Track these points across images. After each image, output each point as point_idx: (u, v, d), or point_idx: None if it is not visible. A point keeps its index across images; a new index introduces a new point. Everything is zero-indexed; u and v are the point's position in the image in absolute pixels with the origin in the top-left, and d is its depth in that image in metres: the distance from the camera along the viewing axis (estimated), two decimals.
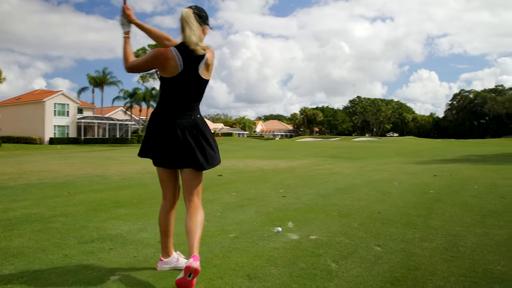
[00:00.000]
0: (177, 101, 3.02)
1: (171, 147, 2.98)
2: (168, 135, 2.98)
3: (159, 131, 3.03)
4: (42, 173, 11.42)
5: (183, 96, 3.01)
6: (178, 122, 2.99)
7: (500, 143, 45.39)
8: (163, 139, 3.01)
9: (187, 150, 2.97)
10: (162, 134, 3.01)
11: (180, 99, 3.02)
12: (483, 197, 6.86)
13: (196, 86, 3.03)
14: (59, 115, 57.69)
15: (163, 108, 3.06)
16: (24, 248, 3.77)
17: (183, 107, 3.03)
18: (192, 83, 2.99)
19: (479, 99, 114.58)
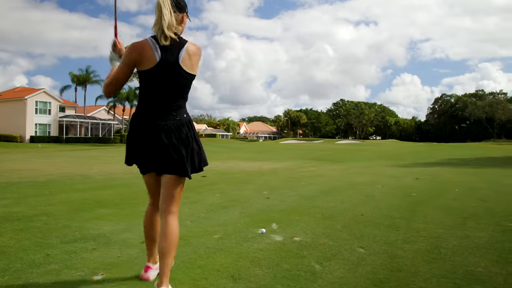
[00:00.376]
0: (159, 98, 2.69)
1: (157, 152, 2.68)
2: (152, 140, 2.67)
3: (141, 136, 2.71)
4: (23, 172, 11.27)
5: (164, 92, 2.67)
6: (162, 125, 2.67)
7: (480, 147, 46.14)
8: (147, 144, 2.70)
9: (173, 155, 2.65)
10: (145, 139, 2.69)
11: (162, 96, 2.68)
12: (463, 200, 6.97)
13: (178, 80, 2.67)
14: (40, 113, 56.86)
15: (144, 108, 2.74)
16: (5, 247, 3.71)
17: (166, 105, 2.69)
18: (173, 75, 2.64)
19: (460, 104, 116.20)
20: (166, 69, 2.62)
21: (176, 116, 2.71)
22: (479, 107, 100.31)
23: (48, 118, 57.86)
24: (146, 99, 2.74)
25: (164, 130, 2.66)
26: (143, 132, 2.70)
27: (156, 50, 2.60)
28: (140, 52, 2.62)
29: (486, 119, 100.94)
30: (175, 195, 2.78)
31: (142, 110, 2.74)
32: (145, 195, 3.05)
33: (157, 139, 2.66)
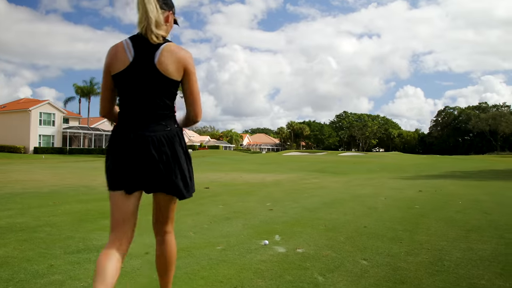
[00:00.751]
0: (140, 105, 2.31)
1: (144, 168, 2.26)
2: (139, 154, 2.25)
3: (126, 150, 2.27)
4: (27, 183, 11.30)
5: (143, 97, 2.29)
6: (151, 136, 2.27)
7: (484, 160, 45.97)
8: (133, 159, 2.26)
9: (165, 173, 2.29)
10: (131, 153, 2.26)
11: (143, 103, 2.30)
12: (467, 213, 6.95)
13: (154, 83, 2.27)
14: (44, 125, 57.09)
15: (126, 119, 2.34)
16: (9, 258, 3.73)
17: (151, 113, 2.31)
18: (147, 78, 2.26)
19: (463, 116, 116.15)
20: (139, 71, 2.25)
21: (166, 126, 2.34)
22: (483, 119, 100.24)
23: (52, 130, 58.08)
24: (126, 109, 2.34)
25: (152, 143, 2.26)
26: (128, 145, 2.27)
27: (129, 50, 2.28)
28: (112, 55, 2.32)
29: (490, 131, 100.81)
30: (170, 215, 2.49)
31: (124, 121, 2.34)
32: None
33: (145, 154, 2.26)
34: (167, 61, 2.26)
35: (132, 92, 2.31)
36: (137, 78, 2.27)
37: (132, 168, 2.26)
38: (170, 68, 2.26)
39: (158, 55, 2.26)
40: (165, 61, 2.25)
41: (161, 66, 2.25)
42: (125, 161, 2.27)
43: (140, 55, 2.26)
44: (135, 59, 2.26)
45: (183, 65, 2.31)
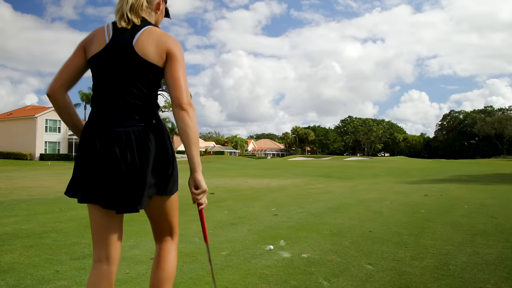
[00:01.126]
0: (111, 94, 1.98)
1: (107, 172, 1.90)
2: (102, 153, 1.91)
3: (90, 148, 1.94)
4: (33, 189, 11.36)
5: (116, 84, 1.97)
6: (119, 132, 1.92)
7: (490, 164, 45.75)
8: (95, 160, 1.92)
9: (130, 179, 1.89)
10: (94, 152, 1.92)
11: (114, 91, 1.98)
12: (473, 217, 6.92)
13: (130, 67, 1.96)
14: (50, 131, 57.37)
15: (96, 110, 2.04)
16: (15, 264, 3.75)
17: (123, 104, 1.96)
18: (123, 60, 1.96)
19: (468, 120, 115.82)
20: (114, 53, 1.98)
21: (139, 120, 1.97)
22: (488, 123, 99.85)
23: (58, 136, 58.34)
24: (97, 99, 2.04)
25: (118, 139, 1.91)
26: (93, 142, 1.94)
27: (108, 33, 2.03)
28: (91, 36, 2.08)
29: (496, 135, 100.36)
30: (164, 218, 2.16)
31: (94, 114, 2.03)
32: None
33: (107, 152, 1.90)
34: (146, 41, 1.97)
35: (105, 79, 2.00)
36: (111, 61, 1.98)
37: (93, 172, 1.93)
38: (149, 49, 1.96)
39: (138, 35, 1.98)
40: (144, 41, 1.97)
41: (139, 47, 1.96)
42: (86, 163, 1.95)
43: (118, 37, 2.00)
44: (111, 41, 2.00)
45: (166, 48, 1.99)
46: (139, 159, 1.91)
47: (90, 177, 1.94)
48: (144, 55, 1.95)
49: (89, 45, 2.05)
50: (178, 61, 2.02)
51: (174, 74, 1.99)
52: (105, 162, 1.89)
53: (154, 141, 1.97)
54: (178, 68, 2.00)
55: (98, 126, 1.96)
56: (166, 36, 2.04)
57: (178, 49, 2.04)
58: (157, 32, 2.02)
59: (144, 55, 1.95)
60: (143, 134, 1.94)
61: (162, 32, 2.04)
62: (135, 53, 1.95)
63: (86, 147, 1.96)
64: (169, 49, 2.00)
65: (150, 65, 1.97)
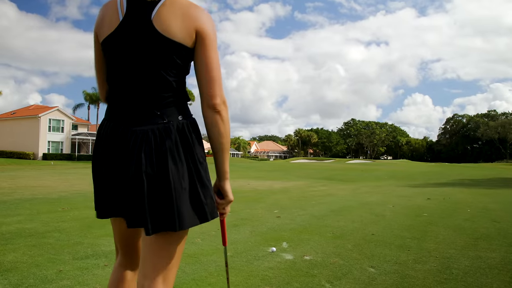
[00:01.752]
0: (128, 85, 1.58)
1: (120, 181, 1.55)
2: (117, 158, 1.56)
3: (105, 152, 1.60)
4: (36, 189, 11.39)
5: (132, 71, 1.56)
6: (137, 131, 1.52)
7: (493, 168, 45.65)
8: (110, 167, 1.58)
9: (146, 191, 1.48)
10: (110, 157, 1.58)
11: (132, 80, 1.57)
12: (475, 221, 6.91)
13: (150, 47, 1.52)
14: (53, 131, 57.49)
15: (111, 107, 1.67)
16: (18, 263, 3.76)
17: (143, 98, 1.56)
18: (141, 40, 1.52)
19: (472, 124, 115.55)
20: (130, 32, 1.54)
21: (162, 117, 1.54)
22: (491, 127, 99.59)
23: (61, 136, 58.45)
24: (112, 92, 1.67)
25: (134, 140, 1.52)
26: (108, 146, 1.59)
27: (121, 8, 1.57)
28: (101, 15, 1.66)
29: (499, 139, 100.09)
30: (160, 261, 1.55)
31: (109, 112, 1.67)
32: None
33: (123, 156, 1.54)
34: (169, 15, 1.51)
35: (121, 66, 1.58)
36: (127, 44, 1.55)
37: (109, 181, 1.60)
38: (173, 25, 1.51)
39: (157, 7, 1.52)
40: (166, 14, 1.51)
41: (160, 22, 1.50)
42: (103, 172, 1.62)
43: (133, 11, 1.55)
44: (125, 17, 1.55)
45: (195, 24, 1.53)
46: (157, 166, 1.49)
47: (110, 188, 1.60)
48: (167, 32, 1.50)
49: (100, 26, 1.64)
50: (212, 43, 1.57)
51: (206, 61, 1.56)
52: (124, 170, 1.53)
53: (174, 143, 1.52)
54: (212, 53, 1.57)
55: (114, 126, 1.59)
56: (196, 8, 1.56)
57: (212, 26, 1.58)
58: (184, 3, 1.55)
59: (167, 33, 1.50)
60: (163, 133, 1.52)
61: (189, 3, 1.57)
62: (155, 30, 1.50)
63: (100, 151, 1.62)
64: (200, 26, 1.53)
65: (175, 45, 1.51)
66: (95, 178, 1.66)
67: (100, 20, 1.64)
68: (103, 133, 1.62)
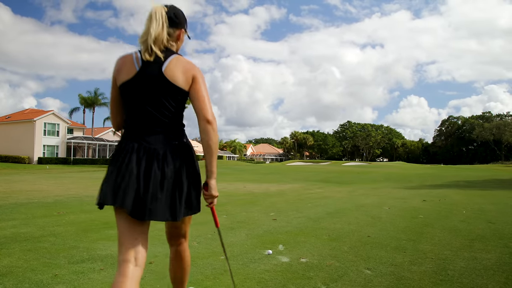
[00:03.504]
0: (145, 115, 2.23)
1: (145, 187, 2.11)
2: (133, 167, 2.13)
3: (127, 162, 2.14)
4: (31, 193, 11.34)
5: (149, 106, 2.22)
6: (156, 149, 2.19)
7: (488, 169, 45.81)
8: (126, 172, 2.12)
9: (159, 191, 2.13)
10: (130, 165, 2.13)
11: (148, 112, 2.22)
12: (471, 222, 6.93)
13: (161, 91, 2.21)
14: (49, 135, 57.31)
15: (130, 129, 2.28)
16: (13, 268, 3.75)
17: (157, 124, 2.24)
18: (154, 86, 2.20)
19: (467, 126, 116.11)
20: (146, 80, 2.20)
21: (173, 139, 2.27)
22: (486, 129, 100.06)
23: (56, 140, 58.28)
24: (131, 119, 2.28)
25: (156, 156, 2.18)
26: (130, 157, 2.16)
27: (137, 62, 2.23)
28: (120, 65, 2.28)
29: (494, 141, 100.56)
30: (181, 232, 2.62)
31: (129, 132, 2.28)
32: None
33: (146, 167, 2.15)
34: (175, 69, 2.22)
35: (138, 102, 2.23)
36: (143, 87, 2.21)
37: (132, 186, 2.10)
38: (178, 76, 2.21)
39: (166, 64, 2.21)
40: (173, 69, 2.21)
41: (169, 74, 2.20)
42: (118, 175, 2.12)
43: (148, 65, 2.21)
44: (142, 68, 2.21)
45: (192, 74, 2.26)
46: (169, 176, 2.18)
47: (119, 184, 2.10)
48: (174, 81, 2.21)
49: (118, 73, 2.28)
50: (202, 82, 2.30)
51: (199, 91, 2.26)
52: (146, 177, 2.13)
53: (180, 159, 2.25)
54: (202, 87, 2.29)
55: (134, 143, 2.20)
56: (190, 64, 2.29)
57: (200, 73, 2.31)
58: (183, 61, 2.28)
59: (174, 81, 2.21)
60: (173, 151, 2.24)
61: (186, 60, 2.29)
62: (165, 80, 2.20)
63: (122, 160, 2.17)
64: (194, 75, 2.27)
65: (178, 89, 2.22)
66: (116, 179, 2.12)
67: (118, 69, 2.28)
68: (124, 147, 2.21)
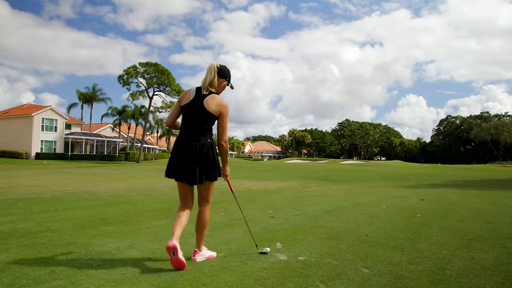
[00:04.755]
0: (191, 126, 3.97)
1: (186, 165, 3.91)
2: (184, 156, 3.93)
3: (178, 153, 3.97)
4: (29, 188, 11.32)
5: (194, 121, 3.95)
6: (192, 145, 3.92)
7: (485, 169, 45.88)
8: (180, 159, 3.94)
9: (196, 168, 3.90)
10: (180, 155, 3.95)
11: (193, 125, 3.96)
12: (469, 222, 6.94)
13: (201, 114, 3.92)
14: (46, 130, 57.26)
15: (182, 133, 4.03)
16: (10, 263, 3.73)
17: (196, 132, 3.95)
18: (197, 111, 3.93)
19: (465, 125, 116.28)
20: (194, 106, 3.96)
21: (201, 140, 3.95)
22: (484, 129, 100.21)
23: (54, 135, 58.21)
24: (184, 127, 4.04)
25: (193, 149, 3.92)
26: (181, 150, 3.98)
27: (193, 93, 4.01)
28: (185, 93, 4.10)
29: (492, 141, 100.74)
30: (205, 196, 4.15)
31: (181, 135, 4.04)
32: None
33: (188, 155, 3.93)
34: (211, 102, 3.93)
35: (189, 118, 4.00)
36: (192, 110, 3.97)
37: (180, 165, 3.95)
38: (211, 107, 3.92)
39: (206, 99, 3.95)
40: (209, 102, 3.93)
41: (206, 105, 3.92)
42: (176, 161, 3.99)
43: (197, 97, 3.98)
44: (193, 99, 3.98)
45: (220, 109, 3.96)
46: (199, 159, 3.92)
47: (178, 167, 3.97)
48: (209, 109, 3.92)
49: (182, 99, 4.07)
50: (226, 116, 4.01)
51: (222, 124, 4.01)
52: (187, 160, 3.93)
53: (206, 151, 3.95)
54: (225, 121, 4.01)
55: (183, 142, 3.99)
56: (222, 101, 3.98)
57: (226, 109, 3.99)
58: (217, 98, 3.98)
59: (209, 109, 3.92)
60: (202, 146, 3.94)
61: (220, 98, 3.99)
62: (204, 109, 3.93)
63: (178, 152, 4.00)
64: (222, 110, 3.98)
65: (211, 115, 3.94)
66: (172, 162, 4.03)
67: (183, 96, 4.08)
68: (178, 144, 4.02)
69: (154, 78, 59.02)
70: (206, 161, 3.91)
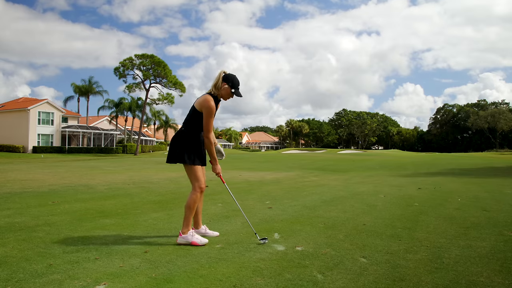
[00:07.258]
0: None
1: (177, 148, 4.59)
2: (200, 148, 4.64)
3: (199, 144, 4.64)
4: (26, 182, 11.30)
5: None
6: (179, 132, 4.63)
7: (482, 157, 46.04)
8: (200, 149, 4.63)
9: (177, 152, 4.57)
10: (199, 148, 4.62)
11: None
12: (466, 210, 6.96)
13: (190, 110, 4.59)
14: (43, 124, 57.06)
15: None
16: (8, 257, 3.73)
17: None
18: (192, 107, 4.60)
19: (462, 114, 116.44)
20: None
21: (185, 128, 4.64)
22: (481, 117, 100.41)
23: (51, 129, 58.03)
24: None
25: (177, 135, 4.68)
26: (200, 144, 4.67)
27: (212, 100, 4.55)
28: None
29: (489, 129, 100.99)
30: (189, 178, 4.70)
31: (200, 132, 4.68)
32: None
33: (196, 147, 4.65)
34: (197, 102, 4.51)
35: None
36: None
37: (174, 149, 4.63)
38: (196, 104, 4.52)
39: (196, 98, 4.60)
40: (197, 101, 4.53)
41: (195, 104, 4.54)
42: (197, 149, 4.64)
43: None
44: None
45: (200, 107, 4.47)
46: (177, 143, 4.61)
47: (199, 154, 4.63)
48: (195, 106, 4.51)
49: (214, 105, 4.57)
50: (205, 114, 4.41)
51: (203, 120, 4.44)
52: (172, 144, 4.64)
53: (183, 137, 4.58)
54: (205, 118, 4.42)
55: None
56: (202, 100, 4.43)
57: (205, 108, 4.39)
58: (202, 97, 4.47)
59: (195, 106, 4.51)
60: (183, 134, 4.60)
61: (203, 98, 4.45)
62: (193, 104, 4.57)
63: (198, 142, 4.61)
64: (201, 107, 4.43)
65: (196, 111, 4.50)
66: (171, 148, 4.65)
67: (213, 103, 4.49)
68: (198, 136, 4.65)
69: (150, 70, 58.86)
70: (180, 145, 4.51)
